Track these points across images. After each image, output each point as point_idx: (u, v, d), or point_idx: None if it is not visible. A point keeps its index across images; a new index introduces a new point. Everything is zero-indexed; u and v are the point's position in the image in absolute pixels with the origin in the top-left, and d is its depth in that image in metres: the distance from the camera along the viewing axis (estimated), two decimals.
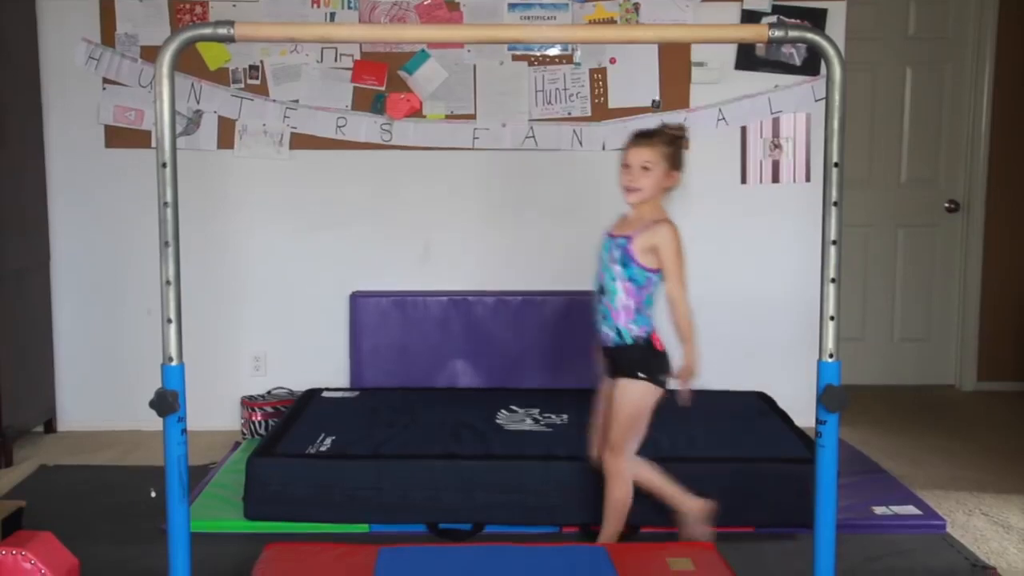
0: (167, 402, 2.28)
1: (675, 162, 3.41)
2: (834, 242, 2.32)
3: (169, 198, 2.28)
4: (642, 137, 3.42)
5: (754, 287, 5.16)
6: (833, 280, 2.33)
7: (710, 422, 4.27)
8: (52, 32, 4.95)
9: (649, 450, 3.90)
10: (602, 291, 3.41)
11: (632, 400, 3.41)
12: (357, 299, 5.02)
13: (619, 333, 3.40)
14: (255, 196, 5.10)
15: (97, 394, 5.13)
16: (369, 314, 4.98)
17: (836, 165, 2.32)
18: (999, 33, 5.84)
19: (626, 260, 3.37)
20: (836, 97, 2.30)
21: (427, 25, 4.85)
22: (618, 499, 3.45)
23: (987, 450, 4.86)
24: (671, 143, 3.39)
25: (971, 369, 6.07)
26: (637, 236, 3.36)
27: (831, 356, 2.34)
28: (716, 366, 5.12)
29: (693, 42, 4.71)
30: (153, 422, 2.49)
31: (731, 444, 4.00)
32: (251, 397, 4.97)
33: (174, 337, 2.31)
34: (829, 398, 2.31)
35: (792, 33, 2.32)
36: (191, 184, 4.36)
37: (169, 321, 2.30)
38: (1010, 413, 5.56)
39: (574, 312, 4.99)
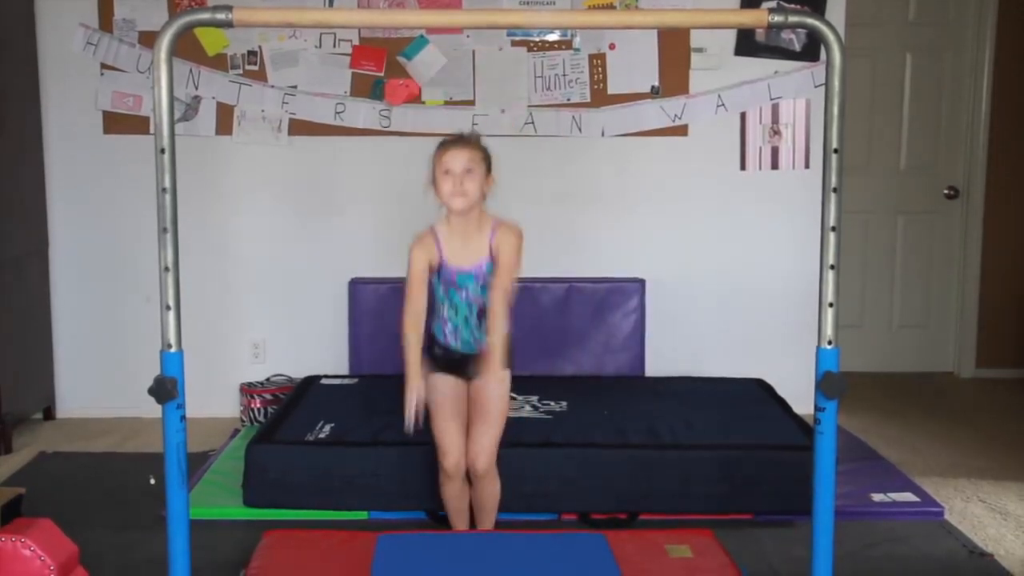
0: (166, 389, 2.28)
1: (489, 165, 3.32)
2: (833, 228, 2.31)
3: (167, 184, 2.27)
4: (458, 141, 3.30)
5: (753, 274, 5.15)
6: (832, 267, 2.32)
7: (709, 409, 4.27)
8: (50, 17, 4.93)
9: (647, 438, 3.91)
10: (484, 312, 3.31)
11: (507, 390, 3.42)
12: (356, 286, 5.01)
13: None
14: (254, 182, 5.09)
15: (96, 381, 5.13)
16: (368, 301, 4.97)
17: (836, 151, 2.31)
18: (999, 19, 5.82)
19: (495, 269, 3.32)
20: (836, 83, 2.29)
21: (426, 10, 4.84)
22: (499, 493, 3.49)
23: (985, 437, 4.86)
24: (483, 147, 3.31)
25: (970, 356, 6.07)
26: (498, 252, 3.29)
27: (830, 343, 2.34)
28: (715, 353, 5.16)
29: (692, 27, 4.68)
30: (152, 409, 2.49)
31: (730, 431, 4.00)
32: (250, 384, 4.97)
33: (173, 324, 2.30)
34: (828, 385, 2.31)
35: (792, 18, 2.30)
36: (189, 170, 4.34)
37: (168, 308, 2.29)
38: (1008, 400, 5.56)
39: (572, 299, 5.00)
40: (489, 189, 3.31)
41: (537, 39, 4.98)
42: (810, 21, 2.30)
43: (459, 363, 3.39)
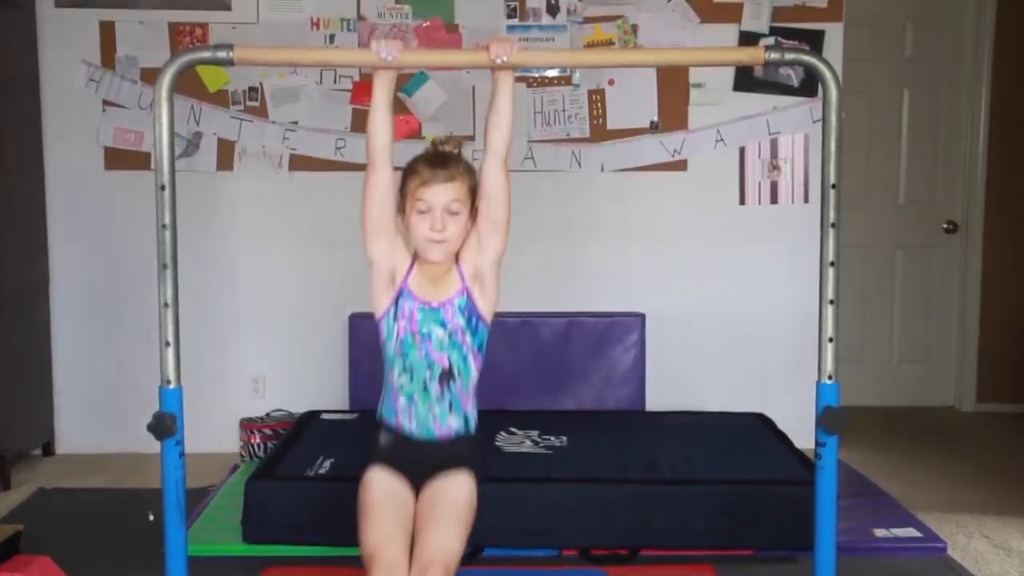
0: (165, 425, 2.28)
1: (476, 195, 2.57)
2: (832, 264, 2.32)
3: (168, 220, 2.28)
4: (440, 165, 2.52)
5: (753, 307, 5.16)
6: (832, 302, 2.33)
7: (709, 444, 4.26)
8: (52, 54, 4.96)
9: (647, 473, 3.90)
10: (449, 376, 2.56)
11: (471, 494, 2.58)
12: (356, 320, 5.01)
13: (465, 421, 2.63)
14: (254, 217, 5.10)
15: (96, 416, 5.11)
16: (368, 335, 4.93)
17: (834, 187, 2.32)
18: (995, 55, 5.86)
19: (474, 321, 2.57)
20: (833, 119, 2.31)
21: (426, 50, 4.86)
22: None
23: (987, 472, 4.85)
24: (471, 173, 2.57)
25: (970, 390, 6.05)
26: (467, 280, 2.56)
27: (830, 378, 2.34)
28: (715, 387, 5.16)
29: (691, 65, 4.72)
30: (152, 444, 2.48)
31: (731, 466, 3.99)
32: (250, 419, 4.95)
33: (172, 360, 2.31)
34: (828, 420, 2.31)
35: (789, 55, 2.33)
36: (190, 206, 4.36)
37: (167, 344, 2.30)
38: (1010, 434, 5.54)
39: (572, 333, 5.00)
40: (470, 230, 2.56)
41: (537, 75, 5.01)
42: (807, 58, 2.32)
43: (410, 456, 2.57)
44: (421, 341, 2.55)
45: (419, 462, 2.56)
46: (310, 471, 3.88)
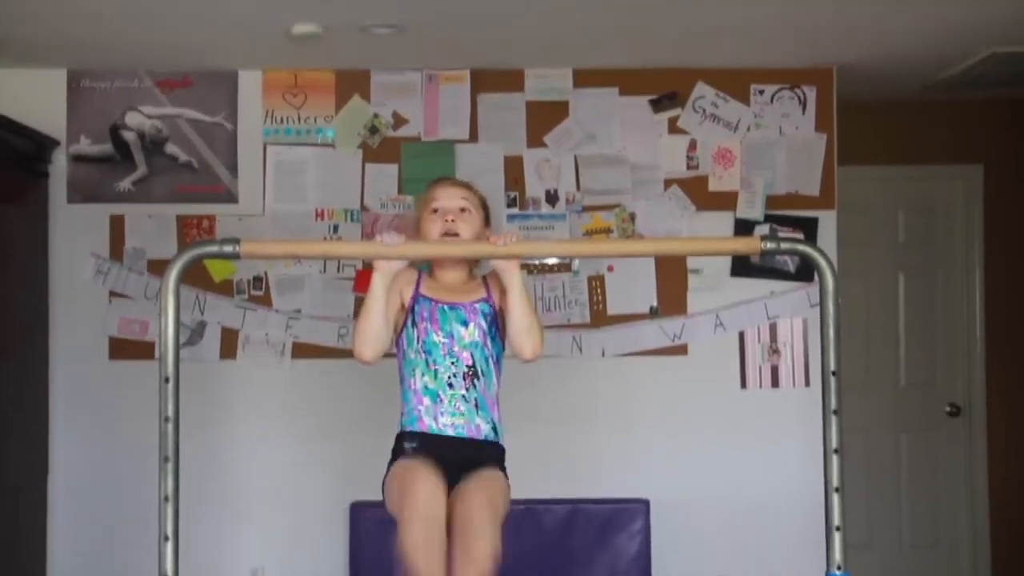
0: None
1: (488, 215, 2.87)
2: (836, 451, 2.31)
3: (171, 413, 2.29)
4: (451, 179, 2.96)
5: (758, 492, 5.08)
6: (837, 489, 2.31)
7: None
8: (62, 247, 5.04)
9: None
10: (474, 374, 2.66)
11: (506, 494, 2.71)
12: (357, 509, 4.94)
13: (494, 427, 2.74)
14: (256, 406, 5.09)
15: None
16: (369, 525, 4.88)
17: (834, 374, 2.33)
18: (986, 240, 5.98)
19: (494, 331, 2.70)
20: (830, 306, 2.34)
21: (427, 242, 4.95)
22: None
23: None
24: (481, 194, 2.91)
25: None
26: (493, 293, 2.71)
27: (839, 568, 2.30)
28: (722, 574, 5.03)
29: (689, 255, 4.78)
30: None
31: None
32: None
33: (171, 555, 2.27)
34: None
35: (784, 245, 2.38)
36: (192, 395, 4.30)
37: (166, 539, 2.26)
38: None
39: (576, 521, 4.92)
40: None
41: (537, 263, 5.08)
42: (801, 248, 2.38)
43: (441, 453, 2.64)
44: (444, 338, 2.64)
45: (450, 459, 2.59)
46: None
